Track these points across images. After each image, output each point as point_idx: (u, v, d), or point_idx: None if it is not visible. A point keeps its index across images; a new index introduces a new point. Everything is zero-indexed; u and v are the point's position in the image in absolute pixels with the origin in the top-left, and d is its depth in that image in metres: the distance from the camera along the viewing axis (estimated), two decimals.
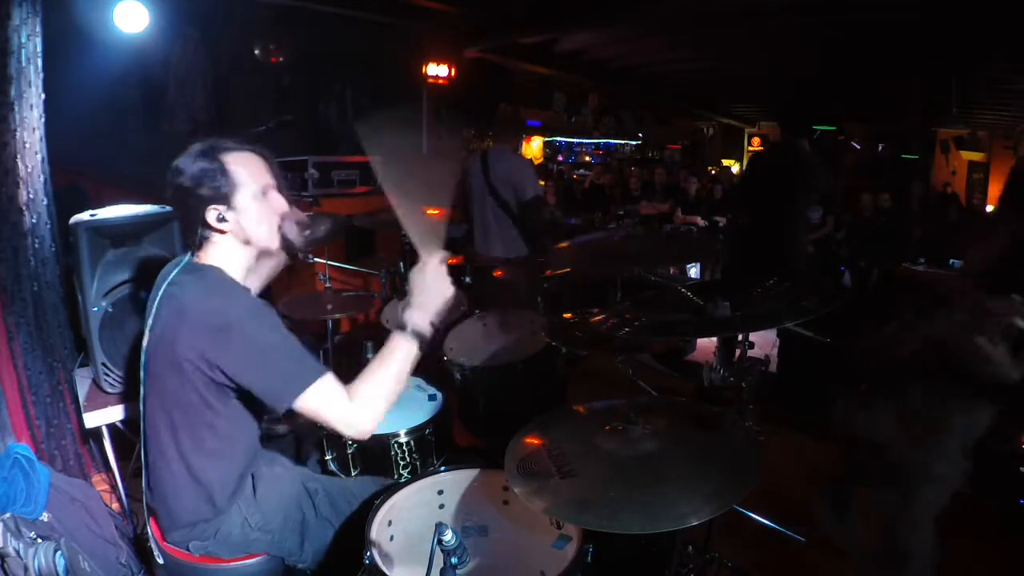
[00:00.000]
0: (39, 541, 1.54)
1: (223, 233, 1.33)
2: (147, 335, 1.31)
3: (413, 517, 1.44)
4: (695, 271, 5.71)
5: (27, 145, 2.05)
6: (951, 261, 4.72)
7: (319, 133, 5.02)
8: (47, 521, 1.66)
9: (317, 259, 3.01)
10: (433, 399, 1.86)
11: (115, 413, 1.94)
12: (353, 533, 1.37)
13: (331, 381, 1.25)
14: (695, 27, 5.14)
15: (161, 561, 1.42)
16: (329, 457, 1.73)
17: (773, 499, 1.87)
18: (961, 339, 1.46)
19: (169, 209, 2.04)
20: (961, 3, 3.81)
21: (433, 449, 1.71)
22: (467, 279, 3.17)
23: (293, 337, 1.28)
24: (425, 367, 1.42)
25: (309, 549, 1.45)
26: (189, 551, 1.37)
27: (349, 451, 1.66)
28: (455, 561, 0.99)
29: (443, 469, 1.55)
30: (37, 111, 2.07)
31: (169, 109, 4.19)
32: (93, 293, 1.90)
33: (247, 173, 1.33)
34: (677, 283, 1.95)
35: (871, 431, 1.69)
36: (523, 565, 1.30)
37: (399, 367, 1.30)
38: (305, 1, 4.32)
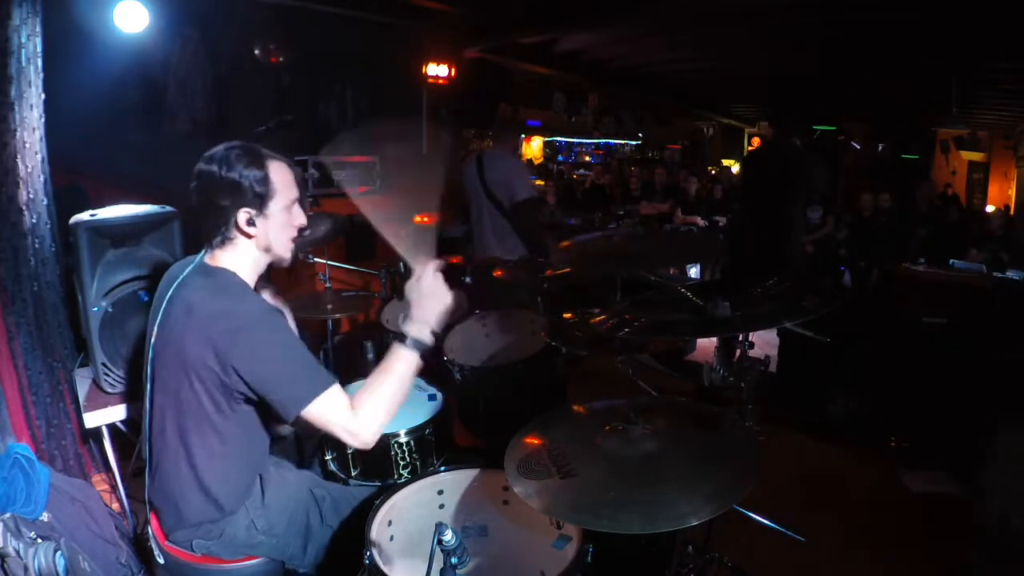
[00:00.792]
0: (39, 541, 1.54)
1: (249, 237, 1.34)
2: (155, 334, 1.31)
3: (413, 517, 1.44)
4: (695, 271, 5.72)
5: (27, 145, 2.05)
6: (951, 261, 4.71)
7: (319, 133, 5.02)
8: (47, 521, 1.67)
9: (317, 259, 3.00)
10: (433, 399, 1.86)
11: (115, 413, 1.94)
12: (353, 534, 1.37)
13: (337, 392, 1.26)
14: (695, 27, 5.13)
15: (161, 561, 1.42)
16: (329, 458, 1.73)
17: (773, 499, 1.87)
18: None
19: (170, 209, 2.04)
20: (961, 3, 3.81)
21: (433, 449, 1.71)
22: (467, 279, 3.17)
23: (303, 346, 1.29)
24: (425, 367, 1.43)
25: (311, 554, 1.46)
26: (192, 550, 1.37)
27: (349, 451, 1.66)
28: (455, 561, 0.99)
29: (443, 469, 1.55)
30: (37, 111, 2.07)
31: (169, 109, 4.19)
32: (93, 293, 1.90)
33: (283, 184, 1.36)
34: (677, 283, 1.94)
35: None
36: (523, 565, 1.30)
37: (401, 378, 1.32)
38: (305, 1, 4.32)
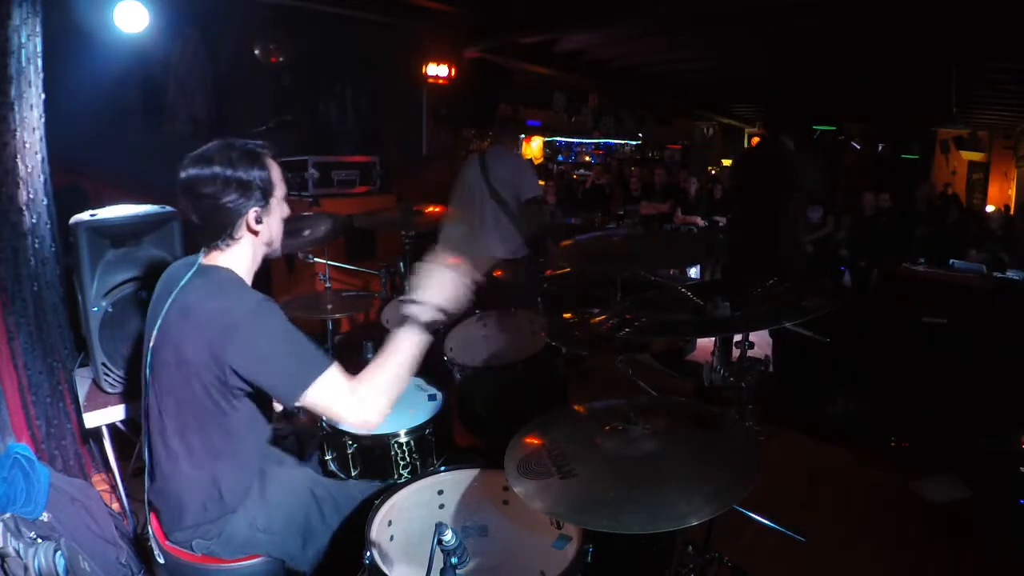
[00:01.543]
0: (39, 541, 1.54)
1: (256, 235, 1.36)
2: (154, 335, 1.31)
3: (413, 517, 1.44)
4: (695, 271, 5.72)
5: (27, 145, 2.05)
6: (951, 261, 4.71)
7: (319, 133, 5.02)
8: (47, 521, 1.67)
9: (317, 259, 3.00)
10: (433, 399, 1.86)
11: (115, 413, 1.95)
12: (353, 534, 1.37)
13: (337, 373, 1.26)
14: (695, 27, 5.13)
15: (162, 561, 1.42)
16: (329, 457, 1.73)
17: (773, 499, 1.87)
18: None
19: (170, 209, 2.04)
20: (961, 3, 3.80)
21: (433, 449, 1.71)
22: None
23: (299, 332, 1.29)
24: (425, 367, 1.43)
25: (311, 552, 1.45)
26: (192, 550, 1.37)
27: (349, 451, 1.66)
28: (455, 561, 0.99)
29: (443, 469, 1.55)
30: (37, 111, 2.07)
31: (169, 109, 4.19)
32: (93, 293, 1.90)
33: (278, 178, 1.38)
34: (677, 283, 1.95)
35: None
36: (523, 565, 1.30)
37: (404, 357, 1.31)
38: (305, 1, 4.32)
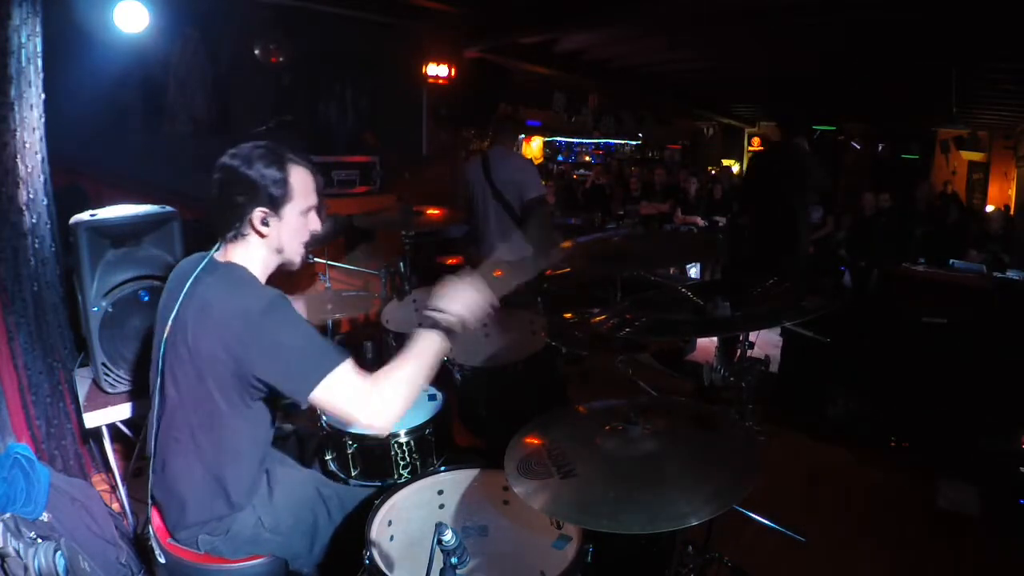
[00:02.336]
0: (39, 541, 1.54)
1: (262, 236, 1.36)
2: (166, 331, 1.31)
3: (413, 517, 1.44)
4: (695, 271, 5.72)
5: (27, 145, 2.05)
6: (951, 261, 4.71)
7: (319, 133, 5.02)
8: (47, 521, 1.66)
9: (317, 259, 3.00)
10: (433, 399, 1.86)
11: (115, 413, 1.95)
12: (353, 534, 1.37)
13: (350, 368, 1.25)
14: (695, 27, 5.13)
15: (162, 560, 1.41)
16: (329, 457, 1.72)
17: (773, 499, 1.87)
18: None
19: (170, 209, 2.04)
20: (961, 3, 3.80)
21: (433, 449, 1.71)
22: None
23: (313, 329, 1.29)
24: None
25: (317, 553, 1.45)
26: (196, 547, 1.37)
27: (349, 451, 1.66)
28: (455, 561, 0.99)
29: (443, 469, 1.55)
30: (37, 111, 2.07)
31: (169, 109, 4.20)
32: (93, 293, 1.90)
33: (302, 189, 1.37)
34: (677, 283, 1.95)
35: None
36: (523, 565, 1.30)
37: (424, 360, 1.30)
38: (305, 1, 4.32)
